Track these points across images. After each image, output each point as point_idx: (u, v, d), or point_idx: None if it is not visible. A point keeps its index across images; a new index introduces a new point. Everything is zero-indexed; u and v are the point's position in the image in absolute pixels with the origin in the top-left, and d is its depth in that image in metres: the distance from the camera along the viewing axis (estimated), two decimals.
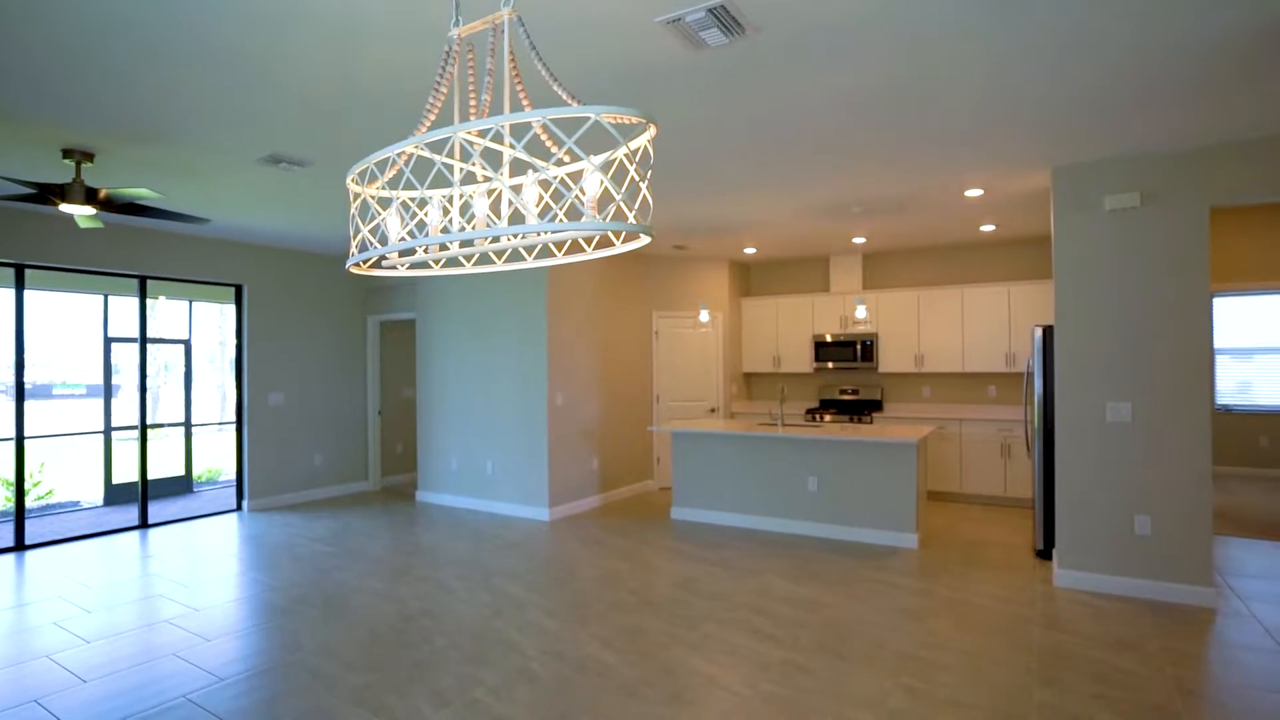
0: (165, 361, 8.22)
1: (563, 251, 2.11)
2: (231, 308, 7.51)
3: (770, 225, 5.99)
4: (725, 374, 7.91)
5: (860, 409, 7.57)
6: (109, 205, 3.85)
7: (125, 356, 7.36)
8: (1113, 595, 4.07)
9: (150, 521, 6.12)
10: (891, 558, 4.89)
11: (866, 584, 4.33)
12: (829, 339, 7.59)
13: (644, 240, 1.47)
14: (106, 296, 7.25)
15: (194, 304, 7.74)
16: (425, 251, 1.82)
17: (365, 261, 1.67)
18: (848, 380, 7.81)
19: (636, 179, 1.45)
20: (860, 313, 5.54)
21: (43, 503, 7.06)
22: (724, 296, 7.93)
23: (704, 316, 6.26)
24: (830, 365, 7.59)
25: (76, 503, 7.31)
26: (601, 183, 1.30)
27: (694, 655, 3.30)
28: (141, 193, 3.63)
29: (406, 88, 3.00)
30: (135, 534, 5.84)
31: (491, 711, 2.78)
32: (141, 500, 6.07)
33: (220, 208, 5.13)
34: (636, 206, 1.48)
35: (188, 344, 7.67)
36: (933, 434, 5.78)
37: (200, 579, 4.55)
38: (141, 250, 5.90)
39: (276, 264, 6.83)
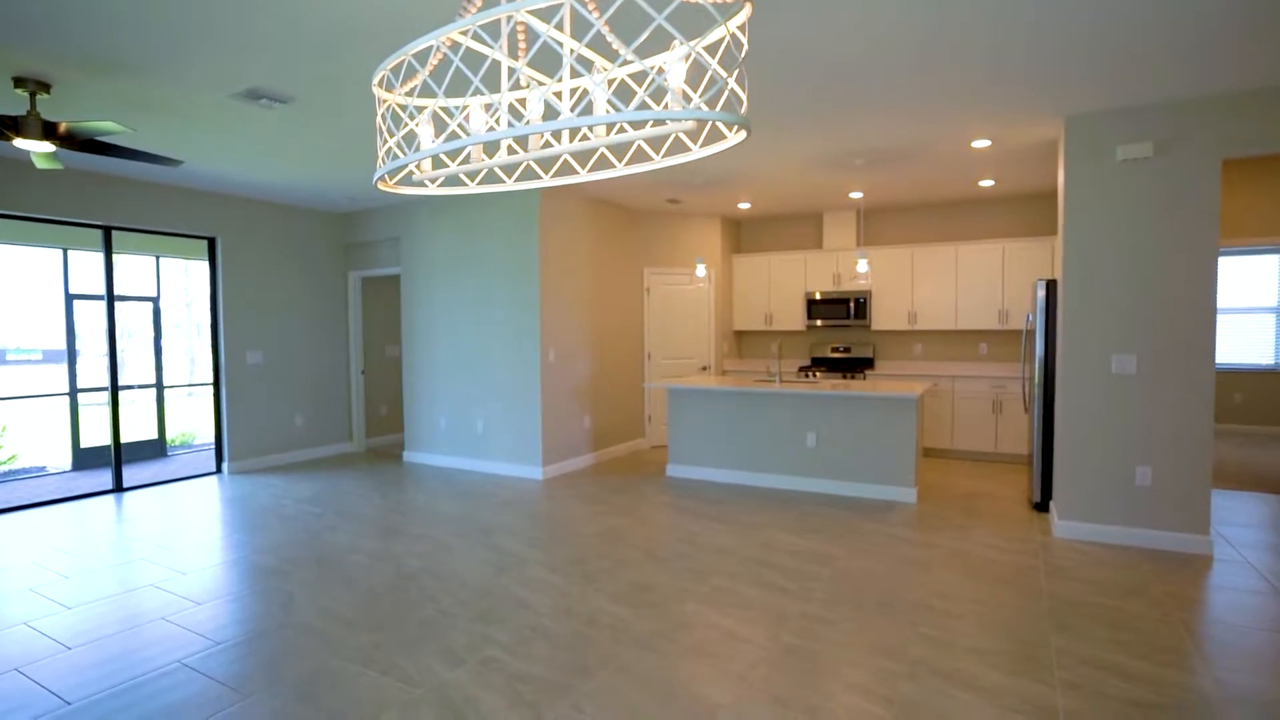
0: (130, 323, 7.85)
1: (624, 161, 1.91)
2: (201, 264, 7.16)
3: (769, 178, 5.83)
4: (717, 331, 7.80)
5: (852, 367, 7.55)
6: (70, 142, 3.54)
7: (89, 315, 7.00)
8: (1111, 544, 4.12)
9: (125, 485, 5.87)
10: (892, 512, 4.90)
11: (870, 537, 4.32)
12: (821, 296, 7.51)
13: (732, 139, 1.31)
14: (66, 251, 6.85)
15: (161, 260, 7.35)
16: (453, 163, 1.64)
17: (392, 176, 1.49)
18: (840, 338, 7.77)
19: (733, 60, 1.29)
20: (861, 266, 5.45)
21: (6, 468, 6.75)
22: (716, 253, 7.78)
23: (700, 271, 6.11)
24: (822, 323, 7.53)
25: (43, 468, 7.00)
26: (688, 64, 1.15)
27: (708, 609, 3.25)
28: (107, 126, 3.33)
29: (410, 10, 2.75)
30: (110, 498, 5.60)
31: (508, 669, 2.70)
32: (115, 463, 5.81)
33: (192, 150, 4.80)
34: (723, 99, 1.33)
35: (156, 302, 7.31)
36: (927, 391, 5.77)
37: (183, 542, 4.37)
38: (106, 198, 5.53)
39: (252, 216, 6.48)
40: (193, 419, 7.99)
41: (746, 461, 5.83)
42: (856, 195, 6.64)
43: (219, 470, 6.40)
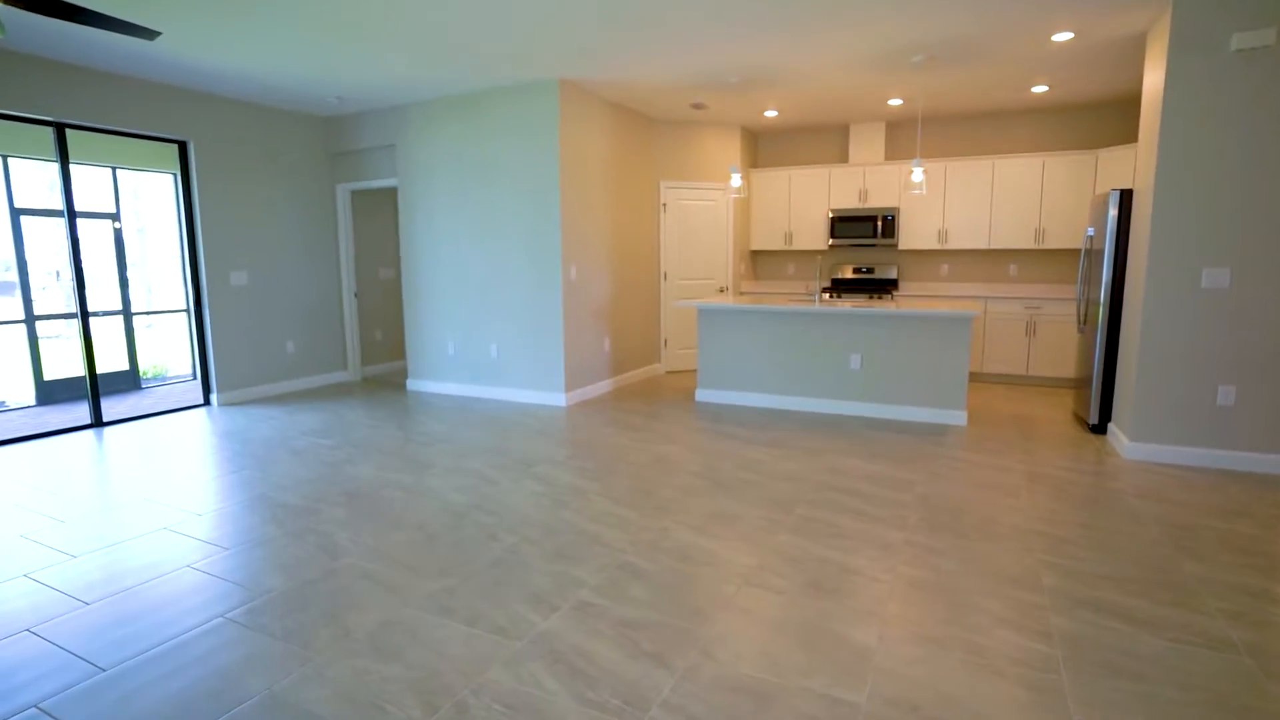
0: (86, 243, 7.02)
1: None
2: (166, 178, 6.41)
3: (808, 77, 5.29)
4: (735, 251, 7.38)
5: (877, 288, 7.25)
6: None
7: (38, 234, 6.20)
8: (1188, 466, 3.98)
9: (105, 420, 5.31)
10: (947, 435, 4.70)
11: (938, 461, 4.11)
12: (846, 214, 7.11)
13: None
14: (6, 159, 5.99)
15: (119, 173, 6.51)
16: None
17: None
18: (862, 259, 7.42)
19: None
20: (917, 176, 5.03)
21: None
22: (736, 166, 7.24)
23: (735, 181, 5.61)
24: (847, 242, 7.16)
25: (1, 402, 6.34)
26: None
27: (804, 540, 2.99)
28: None
29: None
30: (89, 434, 5.05)
31: (610, 614, 2.40)
32: (92, 396, 5.22)
33: (163, 18, 4.05)
34: None
35: (115, 219, 6.51)
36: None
37: (190, 480, 3.91)
38: (59, 91, 4.72)
39: (229, 118, 5.69)
40: (160, 350, 7.32)
41: (784, 385, 5.54)
42: (895, 102, 6.16)
43: (207, 402, 5.85)
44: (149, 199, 6.90)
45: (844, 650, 2.16)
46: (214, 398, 5.81)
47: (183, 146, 5.53)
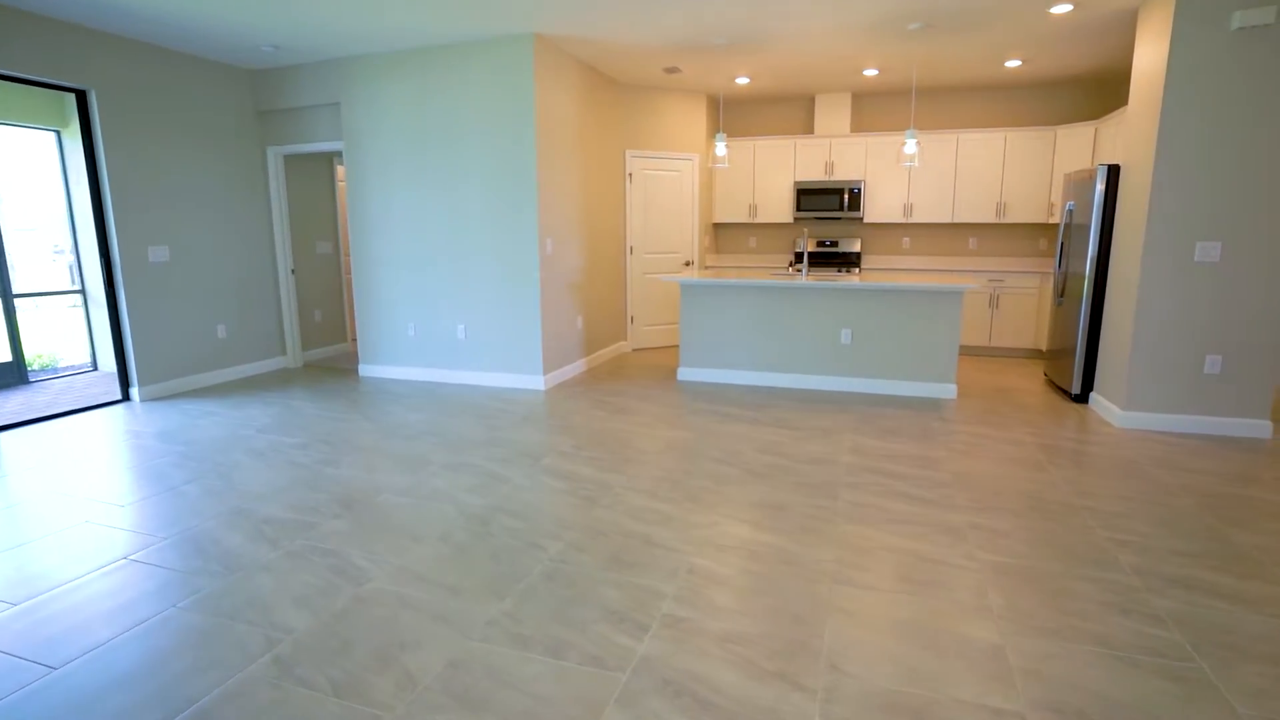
0: None
1: None
2: (49, 137, 5.47)
3: (798, 41, 5.09)
4: (700, 223, 7.16)
5: (841, 261, 7.25)
6: None
7: None
8: (1181, 433, 4.16)
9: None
10: (943, 408, 4.72)
11: (951, 436, 4.09)
12: (812, 186, 7.03)
13: None
14: None
15: None
16: None
17: None
18: (827, 232, 7.39)
19: None
20: (910, 148, 4.96)
21: None
22: (701, 136, 7.00)
23: (721, 149, 5.35)
24: (812, 215, 7.09)
25: None
26: None
27: (867, 529, 2.85)
28: None
29: None
30: None
31: (707, 629, 2.15)
32: None
33: None
34: None
35: None
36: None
37: (138, 496, 3.30)
38: None
39: (137, 64, 4.82)
40: (53, 334, 6.30)
41: (772, 362, 5.41)
42: (871, 73, 6.07)
43: (126, 398, 5.05)
44: (21, 161, 5.84)
45: (973, 651, 2.03)
46: (134, 392, 5.02)
47: (81, 97, 4.65)
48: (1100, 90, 6.43)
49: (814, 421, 4.43)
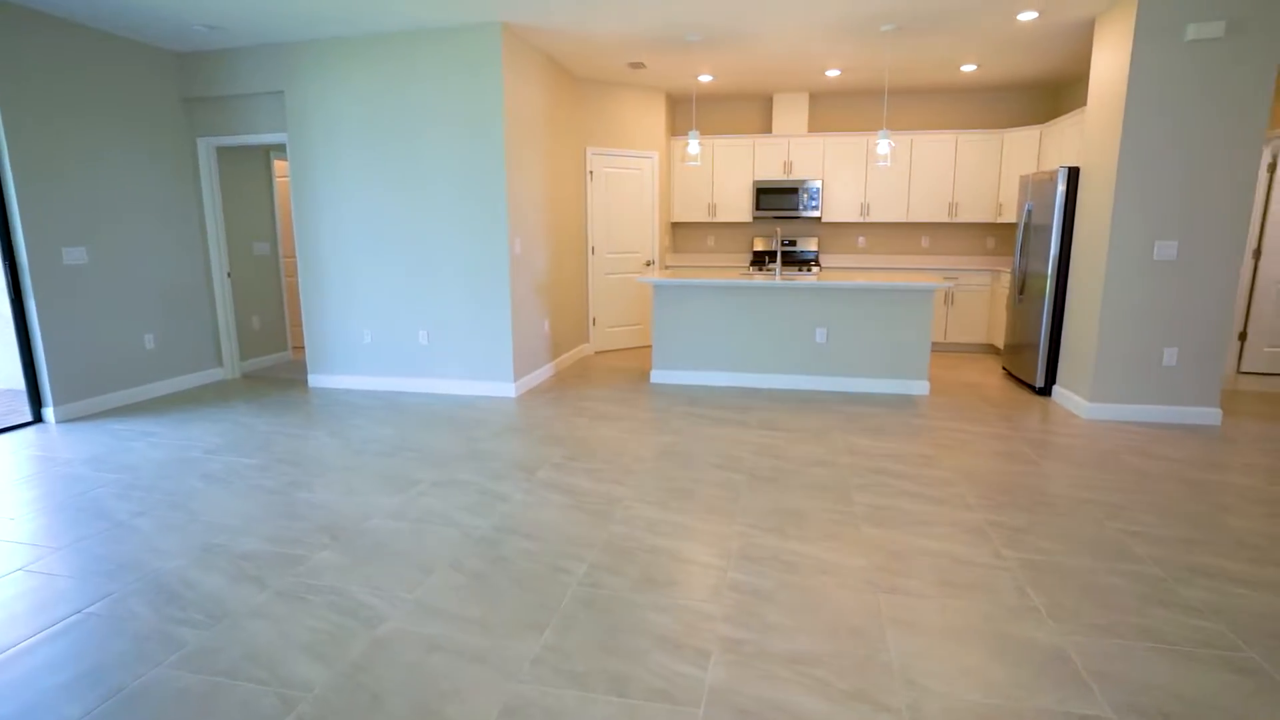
0: None
1: None
2: None
3: (767, 38, 5.06)
4: (661, 223, 7.06)
5: (801, 260, 7.31)
6: None
7: None
8: (1142, 422, 4.38)
9: None
10: (921, 405, 4.81)
11: (938, 433, 4.16)
12: (771, 185, 7.06)
13: None
14: None
15: None
16: None
17: None
18: (785, 231, 7.45)
19: None
20: (883, 148, 5.01)
21: None
22: (660, 133, 6.90)
23: (694, 148, 5.26)
24: (771, 214, 7.12)
25: None
26: None
27: (890, 531, 2.82)
28: None
29: None
30: None
31: (767, 649, 2.04)
32: None
33: None
34: None
35: None
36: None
37: (77, 534, 2.88)
38: None
39: (45, 41, 4.24)
40: None
41: (747, 362, 5.37)
42: (833, 73, 6.14)
43: (38, 419, 4.46)
44: None
45: (1038, 655, 2.01)
46: (48, 413, 4.44)
47: None
48: (1044, 96, 6.75)
49: (801, 422, 4.41)
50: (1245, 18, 3.89)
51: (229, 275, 5.59)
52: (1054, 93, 6.71)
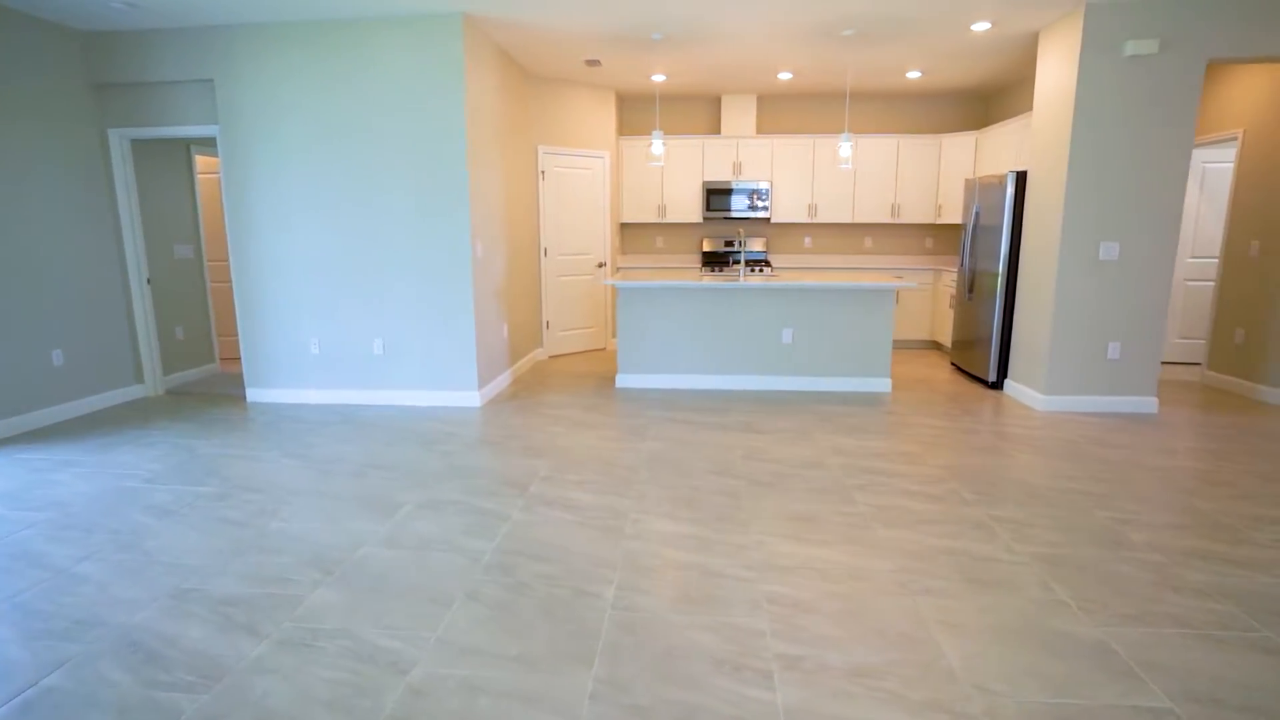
0: None
1: None
2: None
3: (729, 39, 5.05)
4: (612, 224, 6.95)
5: (750, 261, 7.38)
6: None
7: None
8: (1091, 413, 4.67)
9: None
10: (888, 402, 4.93)
11: (914, 430, 4.27)
12: (720, 186, 7.09)
13: None
14: None
15: None
16: None
17: None
18: (734, 232, 7.49)
19: None
20: (845, 150, 5.11)
21: None
22: (610, 133, 6.78)
23: (658, 148, 5.17)
24: (721, 215, 7.15)
25: None
26: None
27: (903, 532, 2.84)
28: None
29: None
30: None
31: (828, 664, 1.99)
32: None
33: None
34: None
35: None
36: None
37: (6, 586, 2.47)
38: None
39: None
40: None
41: (715, 364, 5.35)
42: (785, 76, 6.22)
43: None
44: None
45: (1085, 649, 2.05)
46: None
47: None
48: (978, 103, 7.10)
49: (779, 423, 4.42)
50: (1176, 36, 4.20)
51: (148, 281, 5.04)
52: (985, 100, 7.08)
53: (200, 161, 6.11)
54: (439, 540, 2.80)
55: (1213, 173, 5.96)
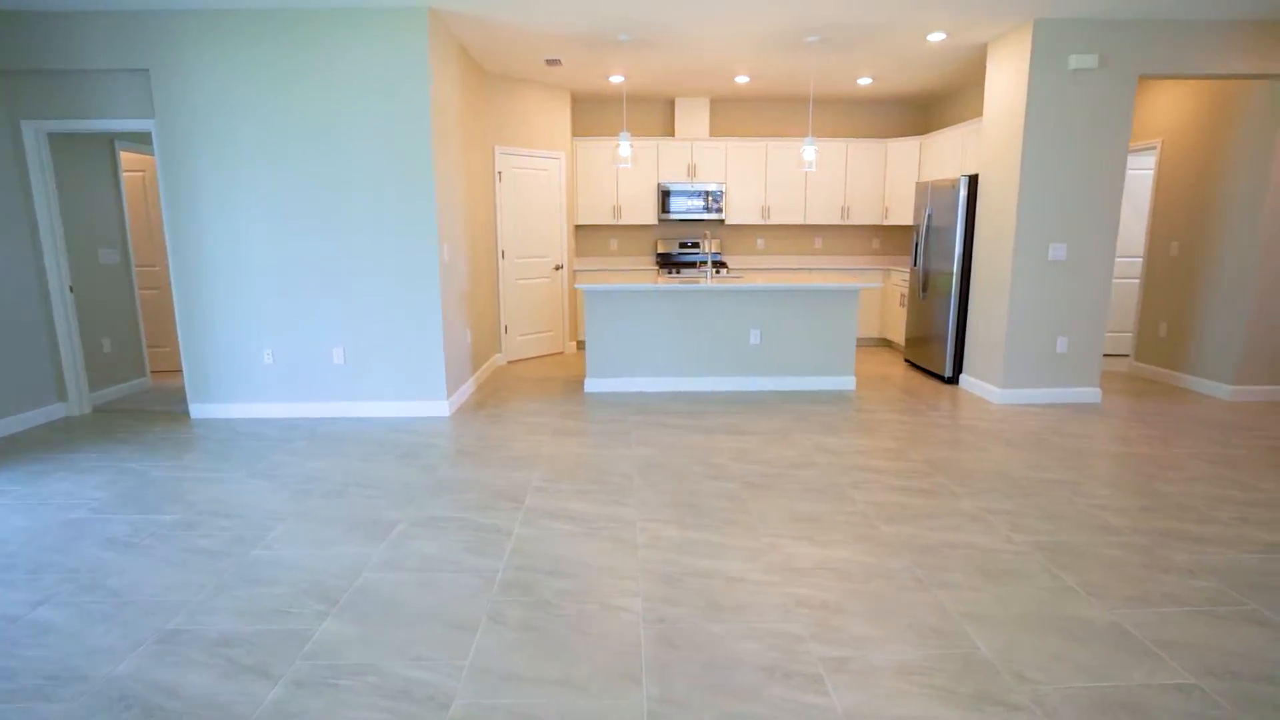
0: None
1: None
2: None
3: (694, 42, 5.07)
4: (570, 226, 6.85)
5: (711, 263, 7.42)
6: None
7: None
8: (1044, 404, 4.95)
9: None
10: (856, 399, 5.07)
11: (886, 426, 4.40)
12: (676, 188, 7.11)
13: None
14: None
15: None
16: None
17: None
18: (689, 233, 7.53)
19: None
20: (809, 154, 5.20)
21: None
22: (566, 134, 6.68)
23: (625, 149, 5.10)
24: (677, 217, 7.17)
25: None
26: None
27: (906, 528, 2.91)
28: None
29: None
30: None
31: (873, 665, 2.01)
32: None
33: None
34: None
35: None
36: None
37: None
38: None
39: None
40: None
41: (684, 366, 5.36)
42: (743, 80, 6.29)
43: None
44: None
45: (1103, 632, 2.16)
46: None
47: None
48: (921, 110, 7.41)
49: (758, 424, 4.47)
50: (1112, 52, 4.51)
51: (71, 289, 4.57)
52: (927, 107, 7.40)
53: (126, 158, 5.61)
54: (443, 560, 2.67)
55: (1134, 178, 6.45)
